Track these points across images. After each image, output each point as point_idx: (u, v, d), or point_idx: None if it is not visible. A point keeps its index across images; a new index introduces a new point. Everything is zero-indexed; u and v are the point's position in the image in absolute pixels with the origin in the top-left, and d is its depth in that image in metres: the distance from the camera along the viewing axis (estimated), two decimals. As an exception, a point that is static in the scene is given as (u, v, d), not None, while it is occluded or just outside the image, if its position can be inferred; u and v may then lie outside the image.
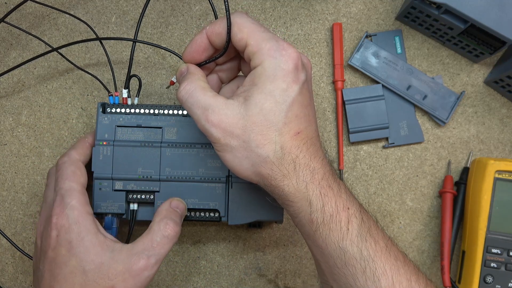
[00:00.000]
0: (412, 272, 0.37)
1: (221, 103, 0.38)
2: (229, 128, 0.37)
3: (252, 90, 0.37)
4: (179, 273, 0.55)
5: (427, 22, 0.53)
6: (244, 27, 0.38)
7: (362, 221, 0.37)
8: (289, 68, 0.37)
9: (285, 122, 0.37)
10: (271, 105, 0.37)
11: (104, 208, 0.47)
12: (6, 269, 0.54)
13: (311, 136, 0.38)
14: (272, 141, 0.37)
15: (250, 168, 0.38)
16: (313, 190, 0.37)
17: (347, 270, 0.37)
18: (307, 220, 0.38)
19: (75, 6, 0.55)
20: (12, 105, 0.55)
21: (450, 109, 0.55)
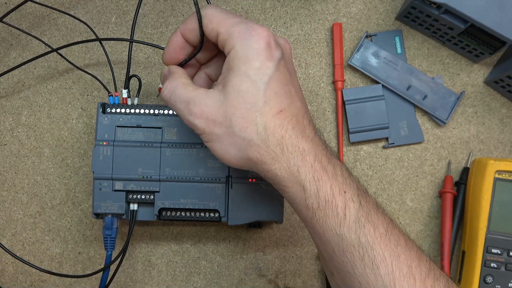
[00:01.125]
0: (414, 257, 0.36)
1: (202, 94, 0.38)
2: (211, 117, 0.37)
3: (229, 75, 0.37)
4: (179, 273, 0.55)
5: (427, 22, 0.53)
6: (213, 18, 0.38)
7: (360, 206, 0.36)
8: (260, 46, 0.37)
9: (265, 101, 0.36)
10: (248, 86, 0.36)
11: (104, 208, 0.47)
12: (6, 269, 0.54)
13: (296, 113, 0.37)
14: (254, 122, 0.36)
15: (238, 154, 0.37)
16: (305, 174, 0.36)
17: (345, 257, 0.36)
18: (303, 206, 0.37)
19: (75, 6, 0.55)
20: (12, 105, 0.55)
21: (450, 109, 0.55)
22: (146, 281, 0.54)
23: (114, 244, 0.48)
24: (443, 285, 0.35)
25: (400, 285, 0.35)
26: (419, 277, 0.35)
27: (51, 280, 0.54)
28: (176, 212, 0.48)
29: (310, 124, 0.38)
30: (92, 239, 0.54)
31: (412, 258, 0.36)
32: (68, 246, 0.54)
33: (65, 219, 0.54)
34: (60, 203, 0.54)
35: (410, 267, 0.35)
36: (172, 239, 0.55)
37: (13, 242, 0.54)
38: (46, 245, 0.54)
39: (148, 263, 0.54)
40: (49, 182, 0.54)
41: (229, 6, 0.55)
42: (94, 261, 0.54)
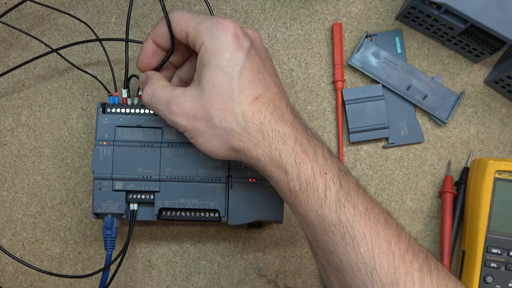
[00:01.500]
0: (393, 234, 0.36)
1: (180, 93, 0.39)
2: (191, 113, 0.38)
3: (202, 70, 0.38)
4: (179, 273, 0.55)
5: (427, 22, 0.53)
6: (181, 19, 0.39)
7: (340, 186, 0.37)
8: (228, 38, 0.37)
9: (240, 90, 0.37)
10: (221, 77, 0.37)
11: (104, 208, 0.47)
12: (6, 269, 0.54)
13: (272, 98, 0.38)
14: (232, 112, 0.37)
15: (221, 145, 0.38)
16: (287, 157, 0.37)
17: (327, 236, 0.37)
18: (285, 188, 0.38)
19: (75, 6, 0.55)
20: (12, 105, 0.55)
21: (450, 109, 0.55)
22: (146, 281, 0.54)
23: (114, 244, 0.48)
24: (422, 260, 0.36)
25: (379, 261, 0.35)
26: (398, 253, 0.36)
27: (51, 280, 0.54)
28: (176, 212, 0.48)
29: (288, 107, 0.39)
30: (92, 239, 0.54)
31: (391, 235, 0.36)
32: (68, 246, 0.54)
33: (65, 219, 0.54)
34: (60, 203, 0.54)
35: (389, 244, 0.36)
36: (172, 239, 0.55)
37: (13, 242, 0.54)
38: (46, 245, 0.54)
39: (148, 263, 0.54)
40: (49, 182, 0.54)
41: (229, 6, 0.55)
42: (94, 261, 0.54)
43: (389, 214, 0.38)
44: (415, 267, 0.35)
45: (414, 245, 0.37)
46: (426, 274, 0.36)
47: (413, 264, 0.36)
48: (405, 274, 0.35)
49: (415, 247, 0.37)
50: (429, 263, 0.36)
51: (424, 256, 0.36)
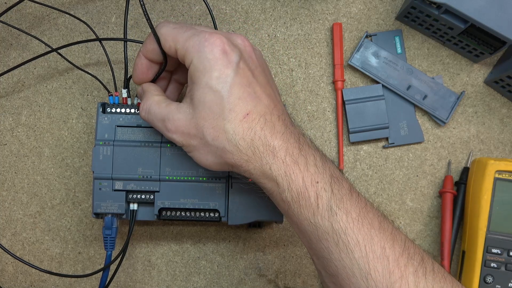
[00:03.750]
0: (387, 238, 0.37)
1: (174, 110, 0.40)
2: (185, 131, 0.39)
3: (193, 88, 0.39)
4: (179, 273, 0.55)
5: (427, 22, 0.53)
6: (167, 36, 0.40)
7: (332, 194, 0.37)
8: (215, 55, 0.38)
9: (230, 108, 0.37)
10: (211, 97, 0.38)
11: (104, 208, 0.47)
12: (6, 269, 0.54)
13: (263, 112, 0.38)
14: (223, 130, 0.38)
15: (216, 160, 0.39)
16: (277, 171, 0.37)
17: (321, 244, 0.37)
18: (279, 199, 0.38)
19: (75, 6, 0.55)
20: (12, 105, 0.55)
21: (450, 109, 0.55)
22: (146, 281, 0.54)
23: (114, 244, 0.48)
24: (417, 262, 0.36)
25: (374, 266, 0.36)
26: (392, 257, 0.36)
27: (51, 280, 0.54)
28: (176, 212, 0.48)
29: (280, 118, 0.39)
30: (92, 239, 0.54)
31: (386, 239, 0.36)
32: (68, 246, 0.54)
33: (65, 219, 0.54)
34: (60, 203, 0.54)
35: (383, 249, 0.36)
36: (172, 239, 0.55)
37: (13, 242, 0.54)
38: (46, 245, 0.54)
39: (148, 263, 0.54)
40: (49, 182, 0.54)
41: (229, 6, 0.55)
42: (94, 261, 0.54)
43: (385, 216, 0.39)
44: (410, 271, 0.36)
45: (410, 247, 0.37)
46: (421, 277, 0.36)
47: (408, 268, 0.36)
48: (400, 279, 0.35)
49: (410, 249, 0.37)
50: (425, 265, 0.36)
51: (420, 259, 0.37)
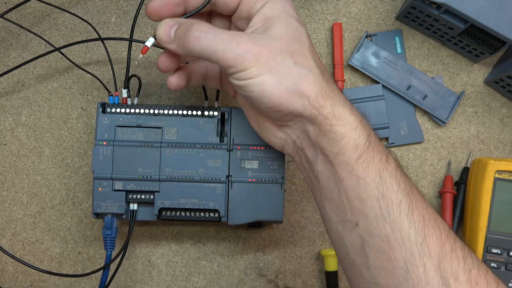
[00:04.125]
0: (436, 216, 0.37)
1: (243, 34, 0.36)
2: (264, 51, 0.35)
3: (270, 23, 0.37)
4: (179, 273, 0.55)
5: (427, 22, 0.53)
6: None
7: (396, 158, 0.38)
8: (290, 6, 0.38)
9: (310, 44, 0.38)
10: (296, 29, 0.37)
11: (104, 208, 0.47)
12: (6, 269, 0.54)
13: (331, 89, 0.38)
14: (309, 58, 0.37)
15: (290, 87, 0.36)
16: (357, 116, 0.37)
17: (383, 201, 0.36)
18: (350, 146, 0.36)
19: (75, 6, 0.55)
20: (12, 105, 0.55)
21: (450, 109, 0.55)
22: (146, 281, 0.54)
23: (114, 244, 0.48)
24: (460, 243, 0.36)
25: (429, 233, 0.35)
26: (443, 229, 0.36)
27: (51, 280, 0.54)
28: (176, 212, 0.48)
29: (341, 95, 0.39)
30: (92, 239, 0.54)
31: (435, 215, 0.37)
32: (68, 246, 0.54)
33: (65, 219, 0.54)
34: (60, 203, 0.54)
35: (436, 220, 0.36)
36: (172, 239, 0.55)
37: (13, 242, 0.54)
38: (46, 245, 0.54)
39: (148, 263, 0.54)
40: (49, 182, 0.54)
41: (229, 6, 0.55)
42: (94, 261, 0.54)
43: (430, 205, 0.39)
44: (458, 246, 0.36)
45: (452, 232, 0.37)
46: (467, 254, 0.36)
47: (456, 243, 0.36)
48: (450, 252, 0.35)
49: (452, 234, 0.37)
50: (467, 247, 0.37)
51: (461, 242, 0.37)
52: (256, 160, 0.47)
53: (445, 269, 0.34)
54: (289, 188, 0.55)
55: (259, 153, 0.47)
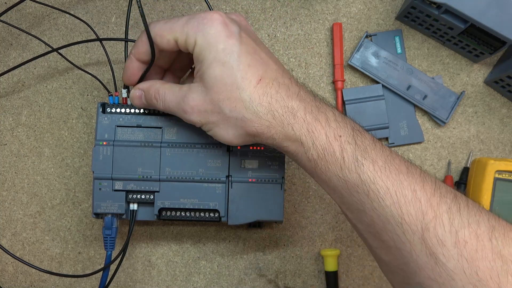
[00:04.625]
0: (417, 181, 0.36)
1: (186, 91, 0.40)
2: (202, 108, 0.39)
3: (201, 67, 0.39)
4: (179, 273, 0.55)
5: (427, 22, 0.53)
6: (163, 31, 0.40)
7: (356, 146, 0.37)
8: (217, 29, 0.38)
9: (242, 76, 0.38)
10: (221, 69, 0.38)
11: (104, 208, 0.47)
12: (6, 269, 0.54)
13: (275, 76, 0.39)
14: (239, 99, 0.38)
15: (237, 133, 0.39)
16: (300, 130, 0.38)
17: (353, 197, 0.37)
18: (305, 159, 0.38)
19: (75, 6, 0.55)
20: (12, 105, 0.55)
21: (450, 109, 0.55)
22: (146, 281, 0.54)
23: (114, 244, 0.48)
24: (450, 200, 0.36)
25: (406, 210, 0.35)
26: (424, 198, 0.36)
27: (51, 280, 0.54)
28: (176, 212, 0.48)
29: (292, 80, 0.39)
30: (92, 239, 0.54)
31: (415, 182, 0.36)
32: (68, 246, 0.54)
33: (65, 219, 0.54)
34: (60, 203, 0.54)
35: (414, 191, 0.36)
36: (172, 239, 0.55)
37: (13, 242, 0.54)
38: (46, 245, 0.54)
39: (148, 263, 0.54)
40: (49, 182, 0.54)
41: (229, 6, 0.55)
42: (94, 261, 0.54)
43: (411, 162, 0.39)
44: (443, 209, 0.35)
45: (441, 187, 0.37)
46: (455, 213, 0.35)
47: (441, 206, 0.35)
48: (434, 218, 0.35)
49: (441, 189, 0.37)
50: (458, 202, 0.36)
51: (452, 196, 0.36)
52: (256, 160, 0.47)
53: (429, 239, 0.35)
54: (289, 188, 0.55)
55: (259, 153, 0.47)
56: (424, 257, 0.35)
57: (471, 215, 0.35)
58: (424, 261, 0.35)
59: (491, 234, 0.34)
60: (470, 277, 0.34)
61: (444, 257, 0.34)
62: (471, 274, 0.34)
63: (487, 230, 0.34)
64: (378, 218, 0.37)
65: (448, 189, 0.37)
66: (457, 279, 0.34)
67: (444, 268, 0.34)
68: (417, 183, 0.36)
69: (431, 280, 0.35)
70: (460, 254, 0.34)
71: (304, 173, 0.55)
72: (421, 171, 0.38)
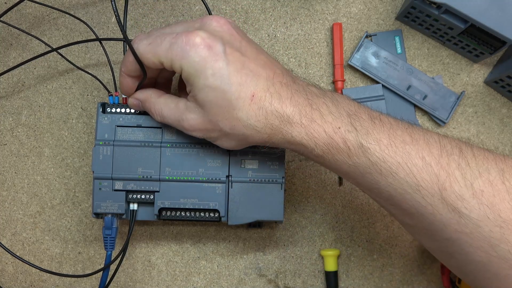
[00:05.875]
0: (423, 147, 0.38)
1: (183, 110, 0.41)
2: (202, 127, 0.41)
3: (193, 90, 0.39)
4: (179, 273, 0.55)
5: (427, 22, 0.53)
6: (147, 54, 0.40)
7: (356, 132, 0.38)
8: (201, 55, 0.38)
9: (236, 97, 0.38)
10: (214, 94, 0.38)
11: (104, 208, 0.47)
12: (6, 269, 0.54)
13: (266, 87, 0.39)
14: (237, 119, 0.39)
15: (240, 143, 0.41)
16: (299, 135, 0.38)
17: (366, 178, 0.39)
18: (312, 157, 0.40)
19: (75, 6, 0.55)
20: (12, 105, 0.55)
21: (450, 109, 0.55)
22: (146, 281, 0.54)
23: (114, 244, 0.48)
24: (457, 156, 0.37)
25: (420, 178, 0.37)
26: (434, 161, 0.37)
27: (51, 280, 0.54)
28: (176, 212, 0.48)
29: (283, 84, 0.40)
30: (92, 239, 0.54)
31: (422, 149, 0.38)
32: (68, 246, 0.54)
33: (65, 219, 0.54)
34: (60, 203, 0.54)
35: (423, 158, 0.37)
36: (172, 239, 0.55)
37: (13, 242, 0.54)
38: (46, 245, 0.54)
39: (148, 263, 0.54)
40: (49, 182, 0.54)
41: (229, 6, 0.56)
42: (94, 261, 0.54)
43: (412, 126, 0.40)
44: (453, 167, 0.37)
45: (446, 144, 0.38)
46: (466, 167, 0.37)
47: (451, 165, 0.37)
48: (447, 177, 0.37)
49: (447, 146, 0.38)
50: (465, 155, 0.37)
51: (458, 151, 0.38)
52: (256, 160, 0.47)
53: (448, 197, 0.36)
54: (289, 188, 0.55)
55: (259, 153, 0.47)
56: (447, 214, 0.37)
57: (480, 164, 0.37)
58: (448, 217, 0.37)
59: (503, 177, 0.37)
60: (494, 220, 0.36)
61: (466, 209, 0.36)
62: (495, 217, 0.36)
63: (498, 174, 0.37)
64: (395, 191, 0.38)
65: (452, 144, 0.38)
66: (483, 226, 0.36)
67: (469, 219, 0.36)
68: (423, 149, 0.38)
69: (458, 233, 0.37)
70: (480, 203, 0.36)
71: (304, 173, 0.55)
72: (423, 134, 0.39)
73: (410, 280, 0.55)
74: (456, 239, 0.37)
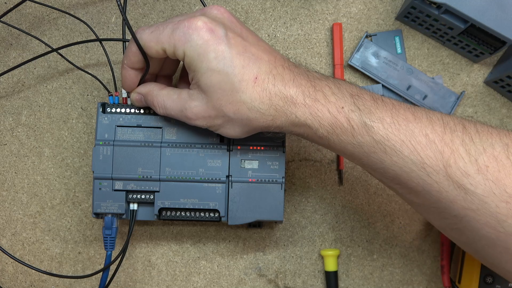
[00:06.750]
0: (426, 125, 0.38)
1: (187, 99, 0.41)
2: (206, 115, 0.40)
3: (196, 76, 0.39)
4: (179, 273, 0.55)
5: (427, 22, 0.53)
6: (150, 42, 0.40)
7: (360, 111, 0.38)
8: (204, 38, 0.38)
9: (239, 80, 0.38)
10: (217, 77, 0.38)
11: (104, 208, 0.47)
12: (6, 269, 0.54)
13: (269, 69, 0.39)
14: (241, 101, 0.39)
15: (244, 129, 0.41)
16: (303, 115, 0.39)
17: (372, 158, 0.39)
18: (316, 138, 0.40)
19: (75, 6, 0.55)
20: (12, 105, 0.55)
21: (450, 109, 0.55)
22: (146, 281, 0.54)
23: (114, 244, 0.48)
24: (461, 132, 0.38)
25: (425, 155, 0.37)
26: (437, 139, 0.37)
27: (51, 280, 0.54)
28: (176, 212, 0.48)
29: (285, 67, 0.40)
30: (92, 239, 0.54)
31: (425, 126, 0.38)
32: (68, 246, 0.54)
33: (65, 219, 0.54)
34: (60, 203, 0.54)
35: (426, 136, 0.38)
36: (172, 239, 0.55)
37: (13, 242, 0.54)
38: (46, 245, 0.54)
39: (148, 263, 0.54)
40: (49, 182, 0.54)
41: (229, 6, 0.56)
42: (94, 261, 0.54)
43: (414, 106, 0.40)
44: (457, 143, 0.37)
45: (449, 121, 0.38)
46: (469, 143, 0.37)
47: (455, 141, 0.37)
48: (452, 154, 0.37)
49: (450, 123, 0.38)
50: (468, 131, 0.38)
51: (461, 127, 0.38)
52: (256, 160, 0.47)
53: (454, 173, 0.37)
54: (289, 188, 0.55)
55: (259, 153, 0.47)
56: (453, 191, 0.37)
57: (483, 140, 0.37)
58: (455, 194, 0.37)
59: (507, 152, 0.37)
60: (500, 195, 0.36)
61: (471, 185, 0.36)
62: (501, 192, 0.36)
63: (502, 149, 0.37)
64: (400, 170, 0.38)
65: (455, 121, 0.38)
66: (489, 201, 0.36)
67: (475, 195, 0.36)
68: (426, 126, 0.38)
69: (465, 209, 0.37)
70: (486, 179, 0.36)
71: (304, 173, 0.55)
72: (426, 113, 0.39)
73: (410, 280, 0.55)
74: (464, 216, 0.37)
